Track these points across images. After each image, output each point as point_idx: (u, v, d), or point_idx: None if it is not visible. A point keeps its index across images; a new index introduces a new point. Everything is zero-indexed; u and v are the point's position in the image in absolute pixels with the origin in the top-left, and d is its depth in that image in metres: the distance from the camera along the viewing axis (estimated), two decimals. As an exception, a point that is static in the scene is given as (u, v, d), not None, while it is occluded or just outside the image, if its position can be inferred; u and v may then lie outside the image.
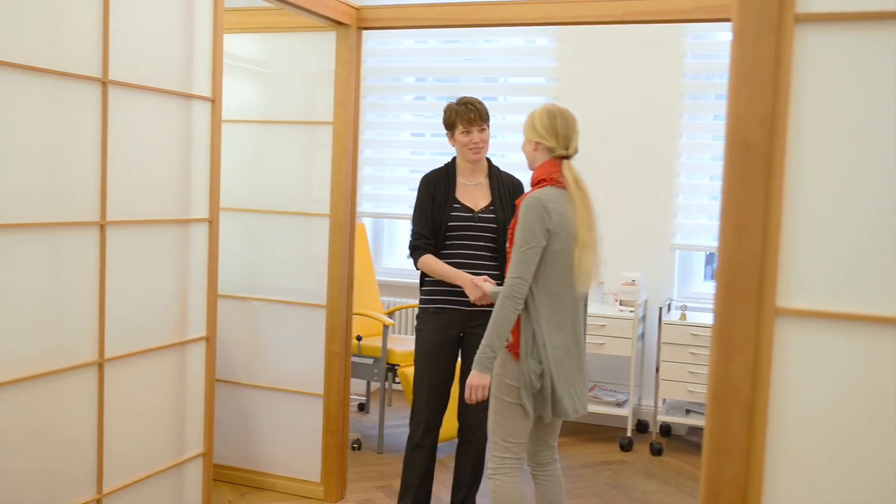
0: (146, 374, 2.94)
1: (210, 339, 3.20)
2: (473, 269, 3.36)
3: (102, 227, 2.67)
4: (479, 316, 3.36)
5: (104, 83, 2.63)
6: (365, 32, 3.91)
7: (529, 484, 3.56)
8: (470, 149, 3.38)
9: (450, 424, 4.77)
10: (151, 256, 2.92)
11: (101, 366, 2.72)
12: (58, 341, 2.55)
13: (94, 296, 2.67)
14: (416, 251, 3.45)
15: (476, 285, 3.25)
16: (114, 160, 2.69)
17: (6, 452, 2.42)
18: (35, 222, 2.44)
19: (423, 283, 3.50)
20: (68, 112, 2.52)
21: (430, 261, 3.39)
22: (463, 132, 3.37)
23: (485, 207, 3.40)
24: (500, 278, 3.36)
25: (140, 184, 2.83)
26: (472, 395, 2.85)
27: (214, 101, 3.14)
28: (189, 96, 3.02)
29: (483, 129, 3.37)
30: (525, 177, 3.22)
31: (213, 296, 3.20)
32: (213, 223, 3.18)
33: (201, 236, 3.15)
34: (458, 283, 3.31)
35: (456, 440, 3.65)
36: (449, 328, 3.43)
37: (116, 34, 2.66)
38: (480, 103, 3.39)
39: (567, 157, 2.93)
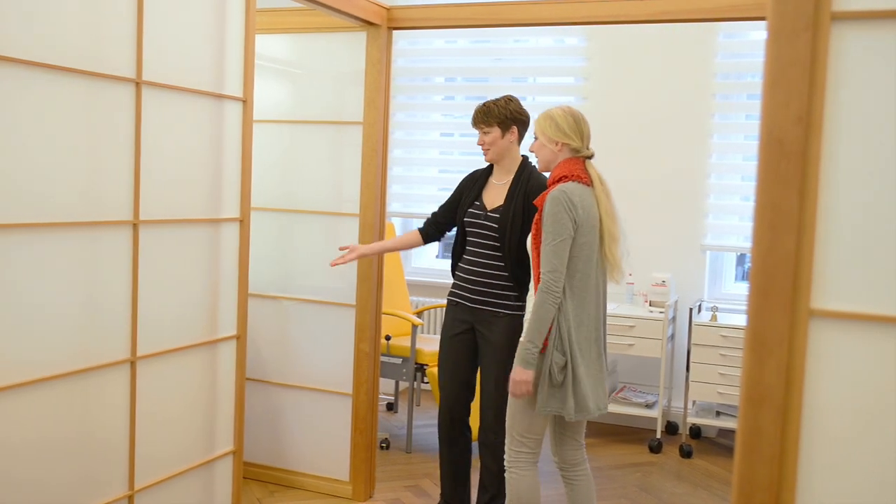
0: (177, 372, 2.96)
1: (241, 338, 3.22)
2: (481, 267, 3.40)
3: (135, 227, 2.70)
4: (482, 313, 3.39)
5: (138, 84, 2.65)
6: (395, 32, 3.91)
7: (550, 485, 3.54)
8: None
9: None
10: (183, 255, 2.95)
11: (133, 364, 2.74)
12: (91, 339, 2.58)
13: (127, 294, 2.70)
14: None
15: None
16: (147, 160, 2.71)
17: (40, 448, 2.45)
18: (70, 221, 2.47)
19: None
20: (103, 112, 2.55)
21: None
22: None
23: (496, 207, 3.42)
24: (507, 280, 3.38)
25: (172, 183, 2.86)
26: (516, 391, 2.87)
27: (246, 102, 3.16)
28: (221, 97, 3.05)
29: (486, 132, 3.41)
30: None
31: (243, 295, 3.22)
32: (244, 222, 3.20)
33: (232, 236, 3.17)
34: None
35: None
36: (460, 321, 3.48)
37: (150, 35, 2.68)
38: (485, 105, 3.43)
39: (590, 157, 2.99)
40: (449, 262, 3.65)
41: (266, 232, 4.05)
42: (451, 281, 3.59)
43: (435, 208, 6.16)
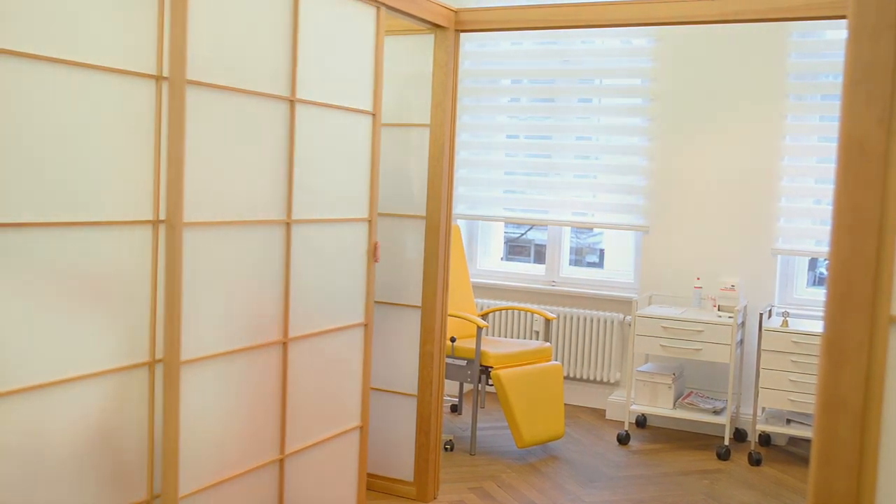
0: (318, 352, 3.29)
1: (368, 326, 3.55)
2: None
3: (288, 226, 3.05)
4: None
5: (291, 101, 3.00)
6: (461, 35, 3.92)
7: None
8: None
9: (538, 428, 4.78)
10: (324, 251, 3.28)
11: (285, 344, 3.09)
12: (253, 322, 2.93)
13: (281, 284, 3.04)
14: None
15: None
16: (297, 168, 3.07)
17: (220, 412, 2.79)
18: (238, 220, 2.81)
19: None
20: (262, 127, 2.90)
21: None
22: None
23: None
24: None
25: (317, 188, 3.20)
26: None
27: (375, 115, 3.47)
28: (355, 111, 3.36)
29: None
30: None
31: (371, 286, 3.54)
32: (371, 222, 3.52)
33: (362, 233, 3.49)
34: None
35: (551, 442, 3.61)
36: None
37: (302, 60, 3.03)
38: None
39: None
40: (513, 264, 3.64)
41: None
42: (515, 284, 3.58)
43: (501, 210, 6.16)
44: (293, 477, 3.19)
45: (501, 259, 6.18)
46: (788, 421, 4.80)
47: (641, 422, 5.37)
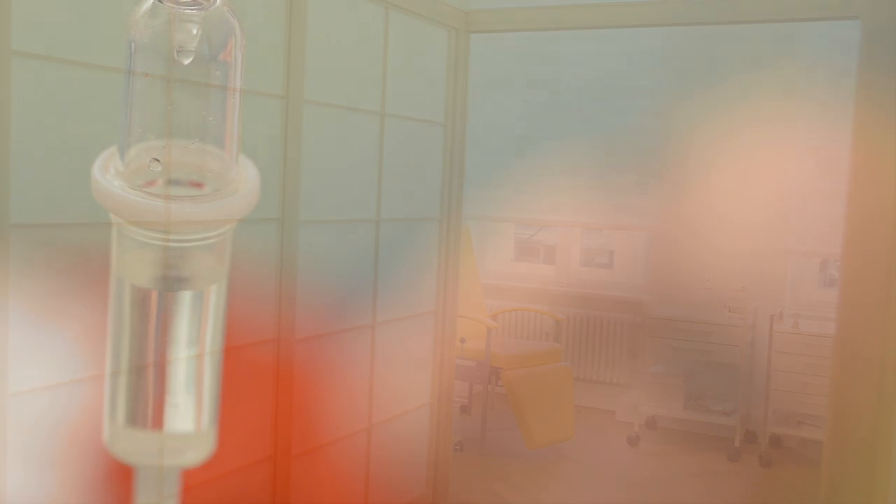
0: (402, 334, 3.64)
1: (438, 313, 3.88)
2: None
3: (377, 223, 3.40)
4: None
5: (382, 115, 3.36)
6: (472, 35, 3.92)
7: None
8: None
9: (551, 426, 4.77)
10: (405, 245, 3.62)
11: (373, 328, 3.42)
12: (349, 308, 3.28)
13: (372, 274, 3.39)
14: None
15: None
16: (385, 171, 3.41)
17: (323, 385, 3.14)
18: (340, 219, 3.18)
19: None
20: (357, 136, 3.26)
21: None
22: None
23: None
24: None
25: (399, 188, 3.51)
26: None
27: (446, 126, 3.79)
28: (430, 122, 3.70)
29: None
30: None
31: (441, 277, 3.83)
32: (441, 221, 3.83)
33: (434, 231, 3.82)
34: None
35: (561, 444, 3.61)
36: None
37: (390, 77, 3.38)
38: None
39: None
40: (524, 265, 3.65)
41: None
42: (525, 285, 3.59)
43: (511, 211, 6.15)
44: (377, 444, 3.53)
45: (511, 260, 6.18)
46: (799, 423, 4.78)
47: (651, 423, 5.36)
